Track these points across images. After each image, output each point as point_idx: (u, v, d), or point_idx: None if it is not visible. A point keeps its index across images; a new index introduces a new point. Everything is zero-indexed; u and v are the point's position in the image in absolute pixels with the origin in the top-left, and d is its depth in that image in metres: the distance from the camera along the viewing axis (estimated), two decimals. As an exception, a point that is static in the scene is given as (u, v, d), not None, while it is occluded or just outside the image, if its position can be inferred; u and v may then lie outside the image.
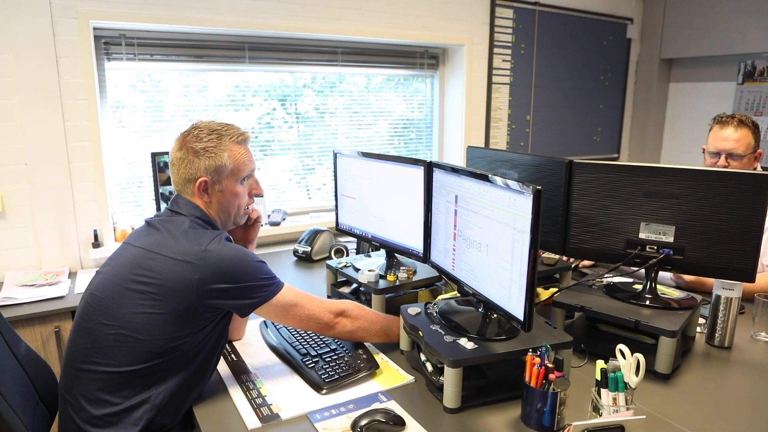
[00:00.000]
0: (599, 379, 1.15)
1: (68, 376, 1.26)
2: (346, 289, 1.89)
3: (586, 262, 2.23)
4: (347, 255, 2.47)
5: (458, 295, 1.65)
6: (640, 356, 1.12)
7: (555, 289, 1.71)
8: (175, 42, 2.65)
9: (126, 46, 2.53)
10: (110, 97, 2.56)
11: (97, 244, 2.44)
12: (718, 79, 4.05)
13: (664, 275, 2.04)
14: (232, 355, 1.52)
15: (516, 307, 1.22)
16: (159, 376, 1.23)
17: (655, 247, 1.53)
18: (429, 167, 1.61)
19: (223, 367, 1.45)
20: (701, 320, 1.69)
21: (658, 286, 1.60)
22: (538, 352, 1.18)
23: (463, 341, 1.29)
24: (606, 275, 1.75)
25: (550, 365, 1.16)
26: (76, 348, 1.26)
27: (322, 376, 1.35)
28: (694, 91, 4.22)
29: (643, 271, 1.58)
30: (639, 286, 1.63)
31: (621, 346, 1.17)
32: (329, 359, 1.43)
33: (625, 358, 1.15)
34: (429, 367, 1.35)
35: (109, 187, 2.51)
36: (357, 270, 1.83)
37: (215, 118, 2.84)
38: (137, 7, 2.40)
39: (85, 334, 1.25)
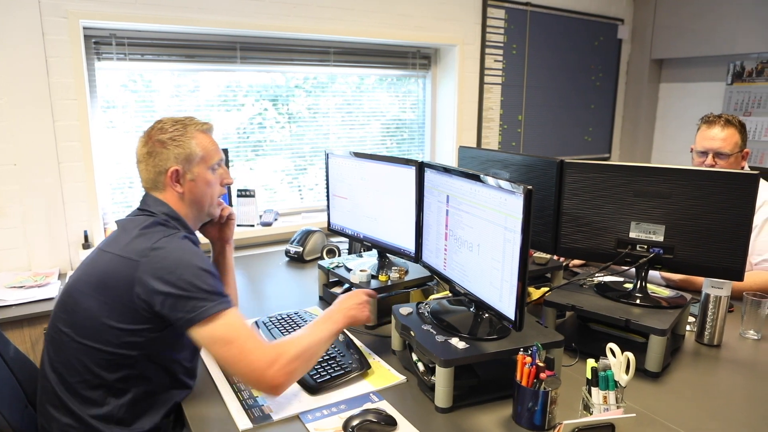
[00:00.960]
0: (590, 377, 1.15)
1: (39, 386, 1.26)
2: (338, 290, 1.89)
3: (577, 262, 2.24)
4: (339, 255, 2.47)
5: (450, 294, 1.65)
6: (630, 355, 1.13)
7: (546, 289, 1.72)
8: (166, 42, 2.63)
9: (116, 46, 2.51)
10: (100, 97, 2.55)
11: (87, 245, 2.42)
12: (707, 80, 4.08)
13: (654, 274, 2.05)
14: (224, 356, 1.51)
15: (507, 307, 1.22)
16: (118, 387, 1.20)
17: (646, 247, 1.54)
18: (420, 167, 1.61)
19: (213, 369, 1.45)
20: (691, 319, 1.70)
21: (649, 285, 1.61)
22: (529, 352, 1.19)
23: (455, 341, 1.29)
24: (597, 274, 1.76)
25: (541, 364, 1.16)
26: (44, 358, 1.25)
27: (314, 377, 1.35)
28: (685, 92, 4.25)
29: (633, 270, 1.59)
30: (629, 285, 1.64)
31: (611, 345, 1.17)
32: (321, 359, 1.43)
33: (615, 357, 1.16)
34: (420, 366, 1.35)
35: (99, 187, 2.49)
36: (349, 270, 1.83)
37: (207, 118, 2.84)
38: (127, 6, 2.39)
39: (49, 342, 1.25)
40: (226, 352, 1.16)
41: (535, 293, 1.77)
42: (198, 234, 1.46)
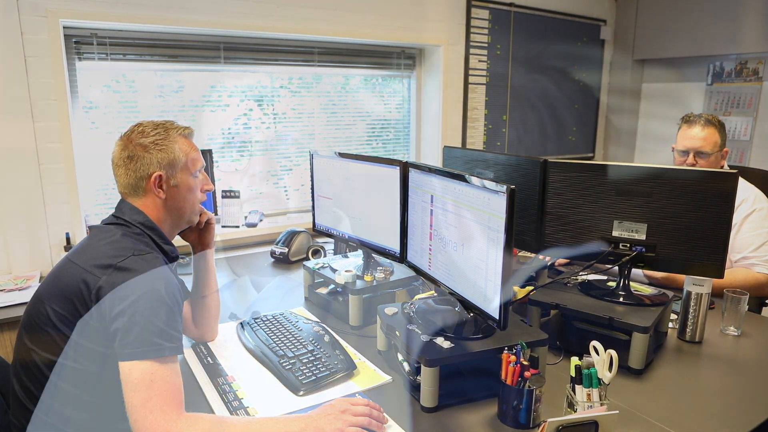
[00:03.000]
0: (574, 375, 1.16)
1: (11, 398, 1.21)
2: (323, 290, 1.88)
3: (562, 261, 2.26)
4: (325, 256, 2.46)
5: (435, 294, 1.65)
6: (613, 352, 1.14)
7: (531, 288, 1.73)
8: (148, 42, 2.60)
9: (98, 46, 2.48)
10: (82, 97, 2.51)
11: (69, 247, 2.39)
12: (688, 80, 4.14)
13: (637, 272, 2.07)
14: (208, 358, 1.50)
15: (491, 306, 1.23)
16: (86, 400, 1.15)
17: (628, 245, 1.56)
18: (405, 167, 1.61)
19: (198, 370, 1.44)
20: (673, 316, 1.72)
21: (632, 283, 1.63)
22: (514, 350, 1.20)
23: (440, 340, 1.29)
24: (580, 273, 1.77)
25: (525, 363, 1.17)
26: (12, 370, 1.21)
27: (299, 378, 1.35)
28: (666, 92, 4.30)
29: (616, 268, 1.61)
30: (613, 284, 1.65)
31: (594, 343, 1.18)
32: (306, 360, 1.42)
33: (598, 355, 1.17)
34: (406, 366, 1.36)
35: (81, 189, 2.46)
36: (334, 271, 1.83)
37: (192, 119, 2.82)
38: (108, 5, 2.36)
39: (16, 353, 1.20)
40: (130, 397, 1.05)
41: (520, 292, 1.78)
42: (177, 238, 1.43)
